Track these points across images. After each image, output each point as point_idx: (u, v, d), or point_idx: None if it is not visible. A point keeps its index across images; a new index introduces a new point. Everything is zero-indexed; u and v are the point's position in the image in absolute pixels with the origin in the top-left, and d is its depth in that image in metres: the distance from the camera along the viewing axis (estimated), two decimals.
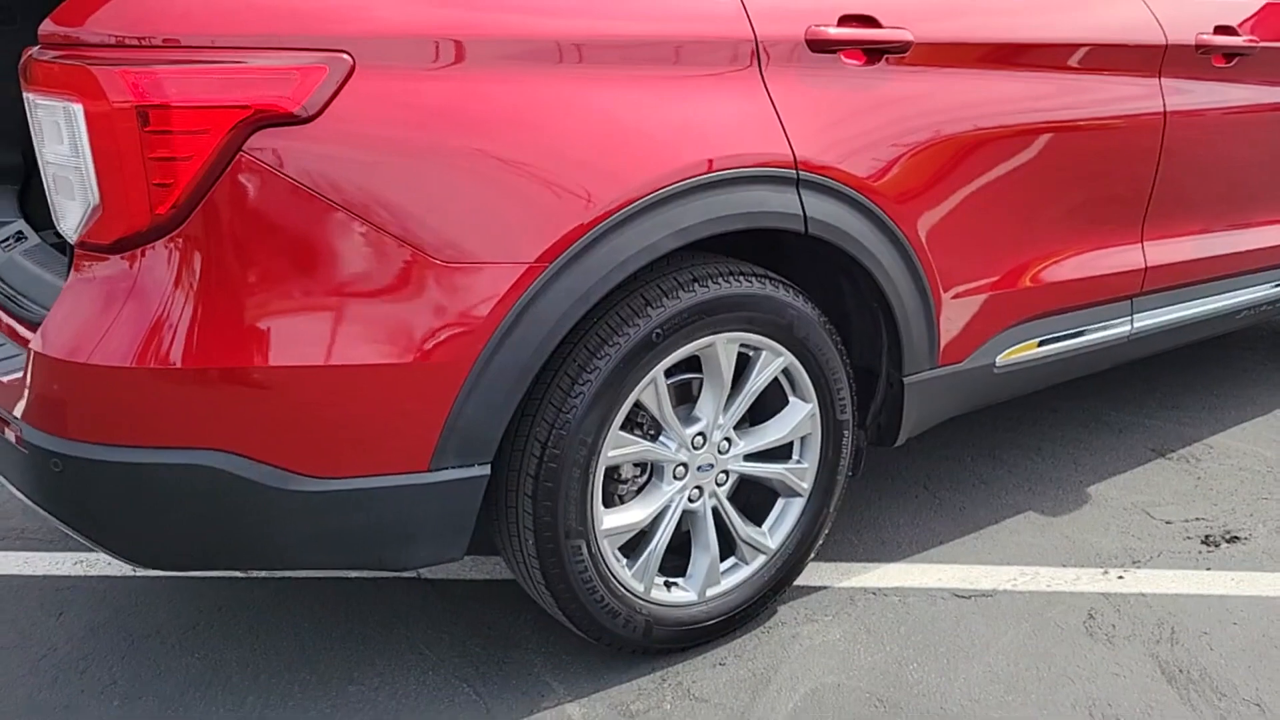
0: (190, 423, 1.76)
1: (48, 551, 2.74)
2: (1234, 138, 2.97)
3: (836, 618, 2.48)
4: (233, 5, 1.69)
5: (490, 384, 1.89)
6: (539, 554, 2.07)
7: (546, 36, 1.89)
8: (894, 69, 2.27)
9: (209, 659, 2.33)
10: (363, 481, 1.87)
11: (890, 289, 2.33)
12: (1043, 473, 3.14)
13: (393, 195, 1.77)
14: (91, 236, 1.72)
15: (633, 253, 1.95)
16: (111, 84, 1.61)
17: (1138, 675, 2.30)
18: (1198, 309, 3.06)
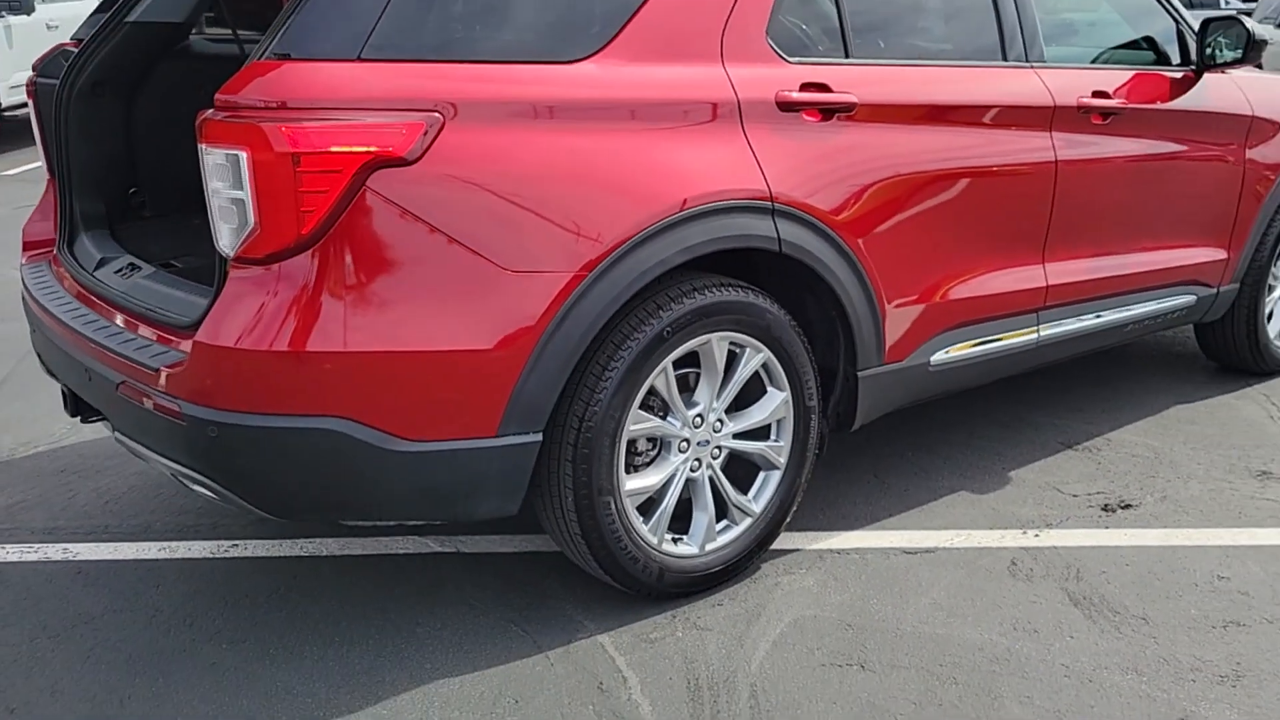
0: (317, 395, 2.28)
1: (132, 541, 3.20)
2: (1112, 180, 3.63)
3: (809, 570, 3.03)
4: (356, 75, 2.25)
5: (544, 367, 2.43)
6: (577, 509, 2.59)
7: (590, 100, 2.47)
8: (844, 124, 2.88)
9: (297, 613, 2.81)
10: (446, 444, 2.40)
11: (845, 299, 2.92)
12: (972, 462, 3.73)
13: (473, 219, 2.33)
14: (247, 253, 2.25)
15: (651, 264, 2.51)
16: (274, 137, 2.15)
17: (1051, 602, 2.88)
18: (1091, 321, 3.69)
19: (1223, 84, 3.99)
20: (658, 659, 2.62)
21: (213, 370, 2.28)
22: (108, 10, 3.26)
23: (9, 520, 3.31)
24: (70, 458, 3.76)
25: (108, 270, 2.92)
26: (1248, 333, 4.39)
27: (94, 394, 2.65)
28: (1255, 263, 4.26)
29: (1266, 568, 3.07)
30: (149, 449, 2.48)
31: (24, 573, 3.02)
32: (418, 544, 3.16)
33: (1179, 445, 3.90)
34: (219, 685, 2.52)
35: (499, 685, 2.52)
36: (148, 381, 2.39)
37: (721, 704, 2.46)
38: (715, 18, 2.70)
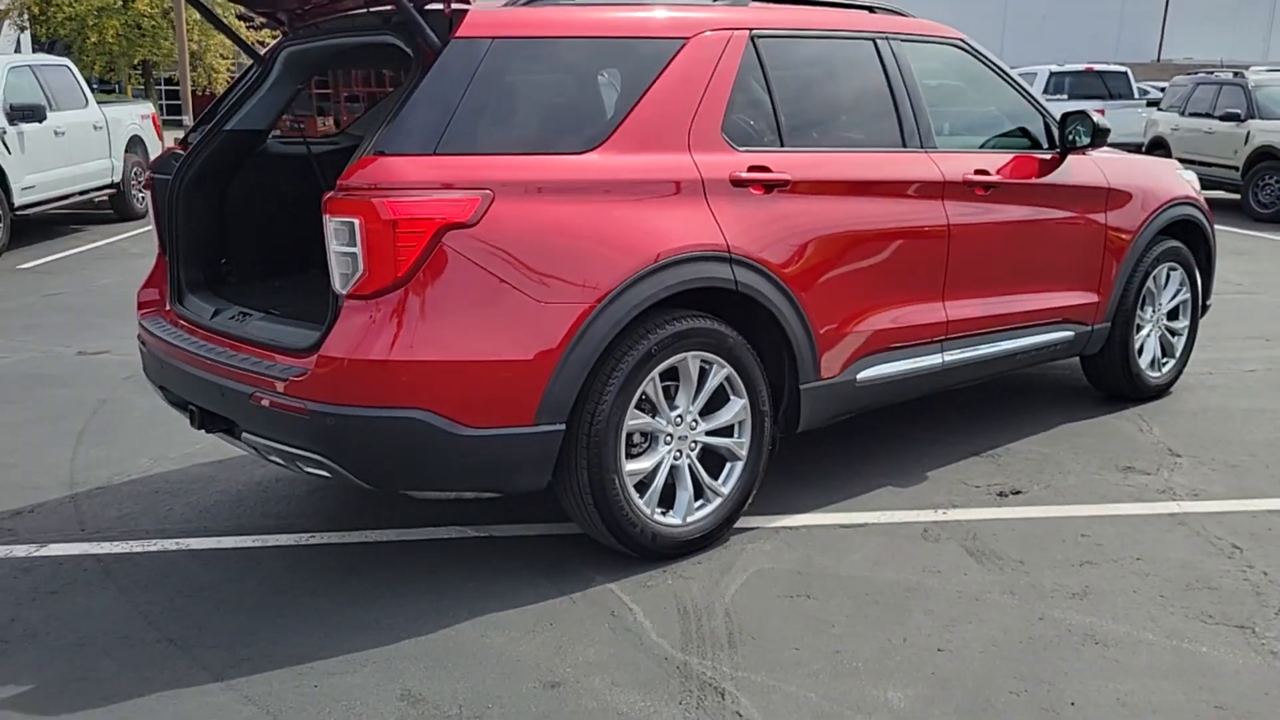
0: (404, 392, 3.15)
1: (229, 536, 4.00)
2: (995, 238, 4.60)
3: (767, 540, 3.90)
4: (433, 165, 3.17)
5: (566, 374, 3.32)
6: (590, 485, 3.46)
7: (595, 180, 3.41)
8: (781, 196, 3.83)
9: (369, 579, 3.63)
10: (497, 430, 3.27)
11: (787, 327, 3.84)
12: (898, 464, 4.62)
13: (515, 265, 3.23)
14: (357, 291, 3.14)
15: (641, 299, 3.42)
16: (380, 209, 3.06)
17: (952, 554, 3.77)
18: (986, 350, 4.63)
19: (1084, 163, 5.01)
20: (654, 596, 3.47)
21: (331, 376, 3.15)
22: (209, 121, 4.18)
23: (123, 526, 4.11)
24: (159, 483, 4.57)
25: (223, 317, 3.79)
26: (1122, 364, 5.37)
27: (227, 406, 3.49)
28: (1123, 305, 5.25)
29: (1119, 529, 3.98)
30: (276, 441, 3.32)
31: (148, 559, 3.81)
32: (459, 531, 3.99)
33: (1064, 451, 4.83)
34: (323, 625, 3.32)
35: (536, 615, 3.36)
36: (278, 389, 3.25)
37: (704, 621, 3.31)
38: (683, 120, 3.66)
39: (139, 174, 13.88)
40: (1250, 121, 13.75)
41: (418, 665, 3.07)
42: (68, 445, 5.05)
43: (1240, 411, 5.41)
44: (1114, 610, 3.36)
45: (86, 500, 4.36)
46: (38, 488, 4.50)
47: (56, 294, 8.87)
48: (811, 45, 4.17)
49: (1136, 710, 2.83)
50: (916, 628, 3.26)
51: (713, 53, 3.78)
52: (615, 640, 3.20)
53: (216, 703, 2.88)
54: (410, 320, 3.15)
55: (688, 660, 3.08)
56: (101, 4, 16.48)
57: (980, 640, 3.19)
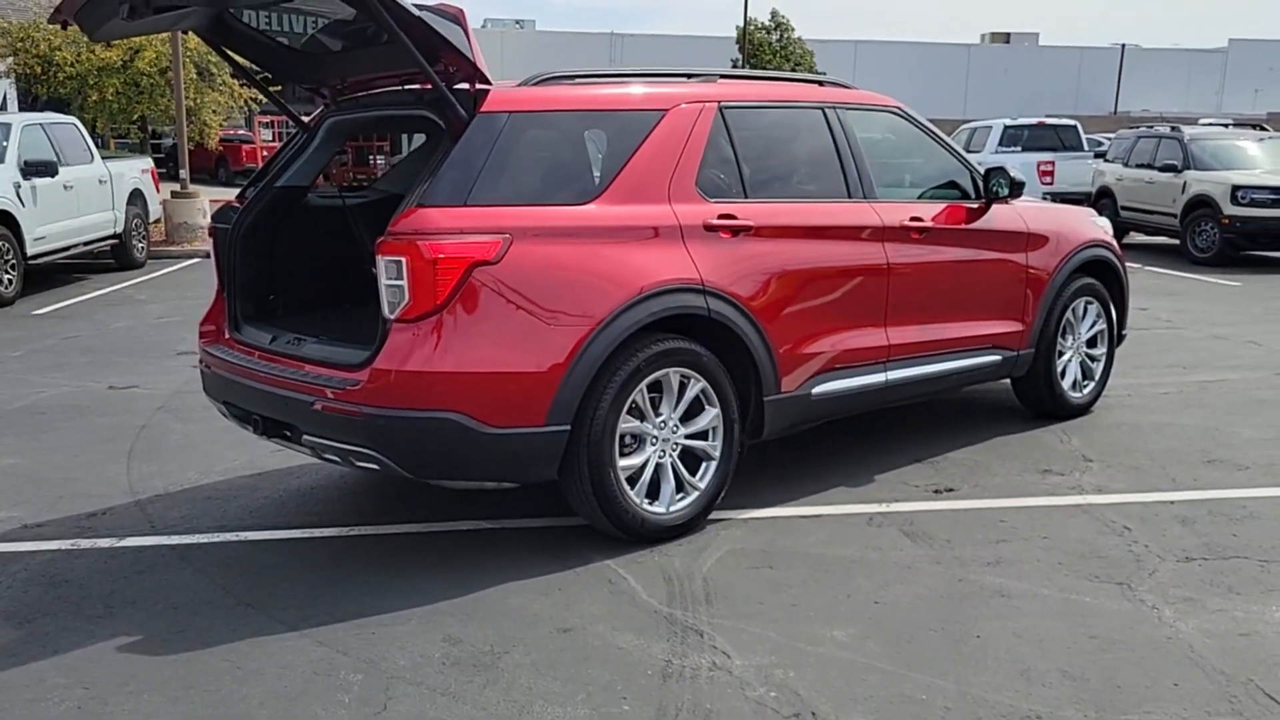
0: (442, 396, 3.89)
1: (282, 529, 4.69)
2: (929, 275, 5.39)
3: (737, 528, 4.63)
4: (464, 214, 3.93)
5: (571, 384, 4.06)
6: (590, 477, 4.19)
7: (593, 227, 4.18)
8: (746, 239, 4.61)
9: (406, 558, 4.33)
10: (515, 429, 4.00)
11: (752, 348, 4.60)
12: (849, 469, 5.37)
13: (530, 294, 3.99)
14: (403, 316, 3.88)
15: (631, 323, 4.18)
16: (423, 249, 3.82)
17: (892, 537, 4.51)
18: (923, 369, 5.41)
19: (1007, 210, 5.84)
20: (644, 569, 4.20)
21: (382, 385, 3.89)
22: (261, 180, 4.94)
23: (188, 524, 4.79)
24: (209, 491, 5.25)
25: (280, 342, 4.51)
26: (1046, 385, 6.17)
27: (290, 414, 4.20)
28: (1045, 333, 6.06)
29: (1031, 516, 4.75)
30: (334, 440, 4.03)
31: (214, 547, 4.50)
32: (475, 524, 4.71)
33: (993, 458, 5.61)
34: (371, 592, 4.02)
35: (545, 583, 4.07)
36: (337, 397, 3.98)
37: (685, 585, 4.03)
38: (664, 177, 4.45)
39: (139, 225, 14.60)
40: (1187, 172, 14.77)
41: (453, 619, 3.78)
42: (120, 462, 5.73)
43: (1150, 425, 6.22)
44: (1019, 574, 4.12)
45: (149, 505, 5.04)
46: (103, 496, 5.18)
47: (74, 337, 9.53)
48: (770, 114, 4.99)
49: (1028, 640, 3.57)
50: (858, 588, 4.00)
51: (688, 121, 4.57)
52: (613, 600, 3.92)
53: (296, 645, 3.58)
54: (446, 339, 3.89)
55: (673, 612, 3.80)
56: (102, 64, 17.27)
57: (909, 596, 3.93)
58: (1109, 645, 3.54)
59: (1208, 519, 4.68)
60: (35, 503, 5.08)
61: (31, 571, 4.25)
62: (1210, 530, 4.55)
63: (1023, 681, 3.31)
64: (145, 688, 3.32)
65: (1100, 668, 3.39)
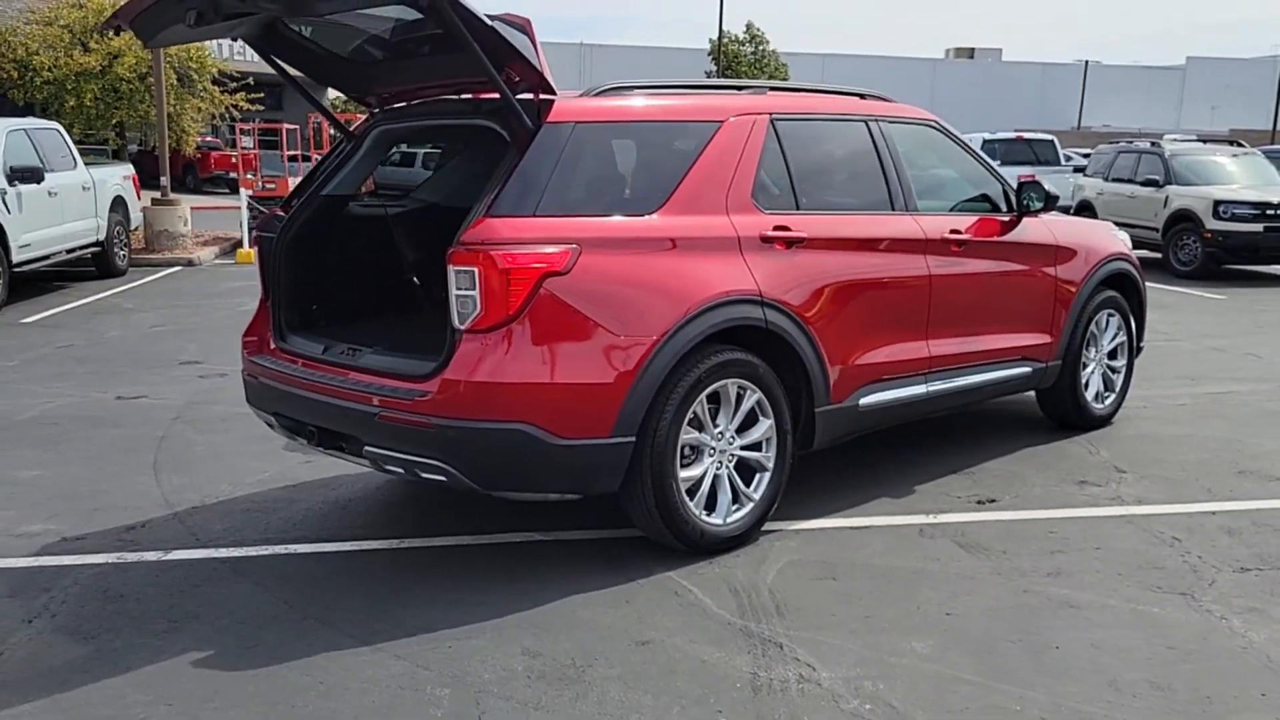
0: (512, 407, 3.86)
1: (329, 542, 4.63)
2: (968, 287, 5.44)
3: (791, 539, 4.63)
4: (534, 225, 3.91)
5: (637, 396, 4.05)
6: (653, 488, 4.17)
7: (657, 237, 4.17)
8: (799, 251, 4.62)
9: (463, 572, 4.29)
10: (582, 440, 3.98)
11: (805, 359, 4.61)
12: (889, 480, 5.39)
13: (598, 305, 3.97)
14: (474, 327, 3.85)
15: (694, 335, 4.17)
16: (496, 260, 3.79)
17: (948, 547, 4.53)
18: (961, 381, 5.45)
19: (1036, 224, 5.90)
20: (707, 580, 4.18)
21: (453, 396, 3.85)
22: (307, 188, 4.88)
23: (232, 536, 4.71)
24: (246, 503, 5.18)
25: (334, 352, 4.46)
26: (1071, 396, 6.23)
27: (350, 425, 4.14)
28: (1071, 346, 6.12)
29: (1079, 527, 4.79)
30: (399, 451, 3.99)
31: (266, 560, 4.43)
32: (526, 536, 4.67)
33: (1028, 469, 5.65)
34: (436, 605, 3.97)
35: (612, 595, 4.05)
36: (404, 408, 3.93)
37: (752, 597, 4.02)
38: (722, 188, 4.44)
39: (120, 233, 14.40)
40: (1168, 187, 15.01)
41: (526, 632, 3.74)
42: (147, 474, 5.63)
43: (1171, 437, 6.29)
44: (1082, 584, 4.15)
45: (188, 517, 4.96)
46: (139, 508, 5.09)
47: (68, 346, 9.37)
48: (818, 126, 5.00)
49: (1108, 651, 3.59)
50: (926, 599, 4.01)
51: (743, 132, 4.58)
52: (684, 612, 3.90)
53: (372, 660, 3.53)
54: (517, 350, 3.86)
55: (747, 625, 3.79)
56: (81, 69, 17.02)
57: (979, 607, 3.94)
58: (1187, 656, 3.57)
59: (1253, 530, 4.74)
60: (69, 515, 4.98)
61: (83, 585, 4.16)
62: (1258, 541, 4.61)
63: (1112, 692, 3.33)
64: (230, 703, 3.26)
65: (1185, 679, 3.42)
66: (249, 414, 6.58)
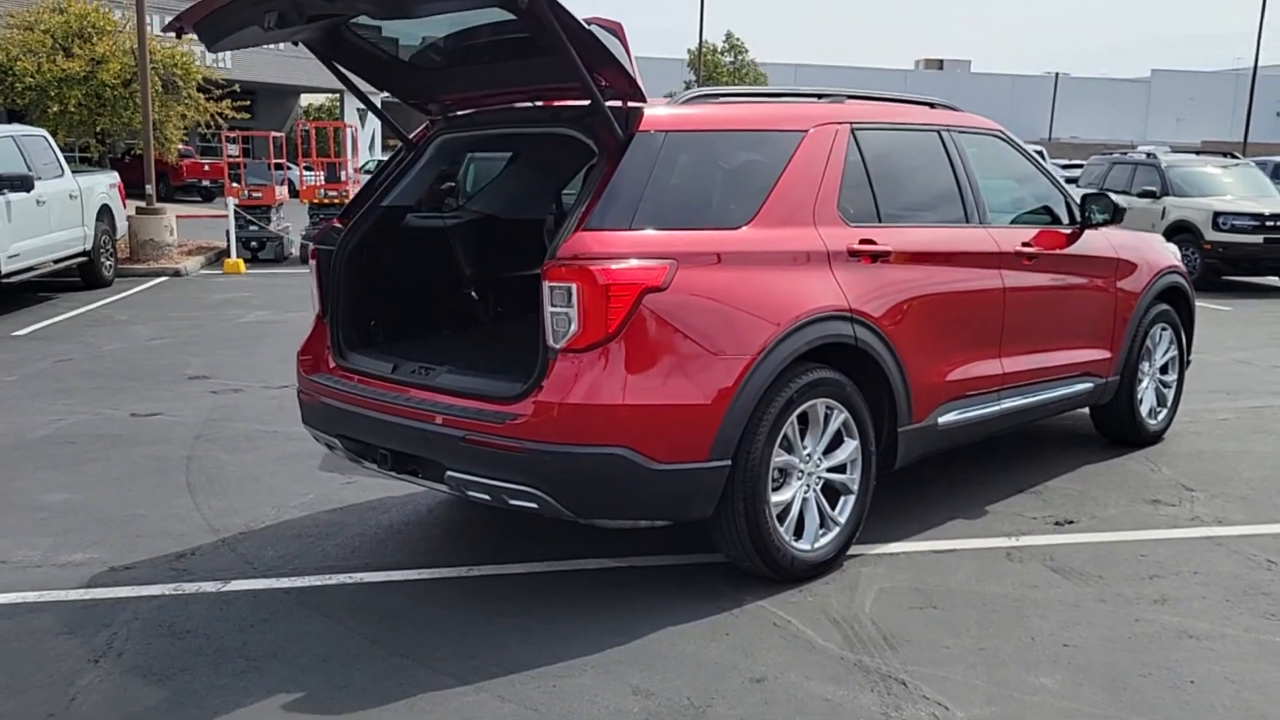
0: (610, 431, 3.66)
1: (396, 570, 4.40)
2: (1038, 301, 5.30)
3: (875, 564, 4.46)
4: (632, 239, 3.72)
5: (733, 417, 3.86)
6: (745, 514, 3.98)
7: (749, 251, 3.99)
8: (884, 265, 4.46)
9: (546, 602, 4.08)
10: (679, 465, 3.79)
11: (891, 378, 4.44)
12: (958, 502, 5.23)
13: (695, 322, 3.79)
14: (570, 346, 3.65)
15: (789, 353, 3.99)
16: (598, 275, 3.60)
17: (1040, 572, 4.38)
18: (1031, 399, 5.31)
19: (1097, 237, 5.78)
20: (802, 610, 4.00)
21: (549, 419, 3.64)
22: (366, 199, 4.66)
23: (290, 564, 4.47)
24: (296, 528, 4.94)
25: (404, 371, 4.24)
26: (1128, 412, 6.11)
27: (431, 449, 3.92)
28: (1129, 361, 6.01)
29: (1168, 550, 4.65)
30: (487, 477, 3.77)
31: (333, 591, 4.20)
32: (599, 563, 4.47)
33: (1094, 488, 5.52)
34: (529, 639, 3.77)
35: (710, 627, 3.85)
36: (494, 432, 3.72)
37: (856, 629, 3.85)
38: (809, 200, 4.28)
39: (107, 242, 14.04)
40: (1165, 199, 15.03)
41: (632, 669, 3.54)
42: (183, 496, 5.37)
43: (1229, 453, 6.19)
44: (1192, 612, 4.00)
45: (239, 544, 4.72)
46: (183, 534, 4.83)
47: (67, 360, 9.05)
48: (896, 136, 4.85)
49: (1245, 686, 3.45)
50: (1038, 629, 3.85)
51: (826, 142, 4.41)
52: (789, 645, 3.71)
53: (478, 701, 3.32)
54: (616, 370, 3.67)
55: (860, 659, 3.61)
56: (64, 74, 16.62)
57: (1095, 638, 3.78)
58: None
59: None
60: (112, 543, 4.72)
61: (144, 620, 3.91)
62: None
63: None
64: None
65: None
66: (275, 433, 6.40)
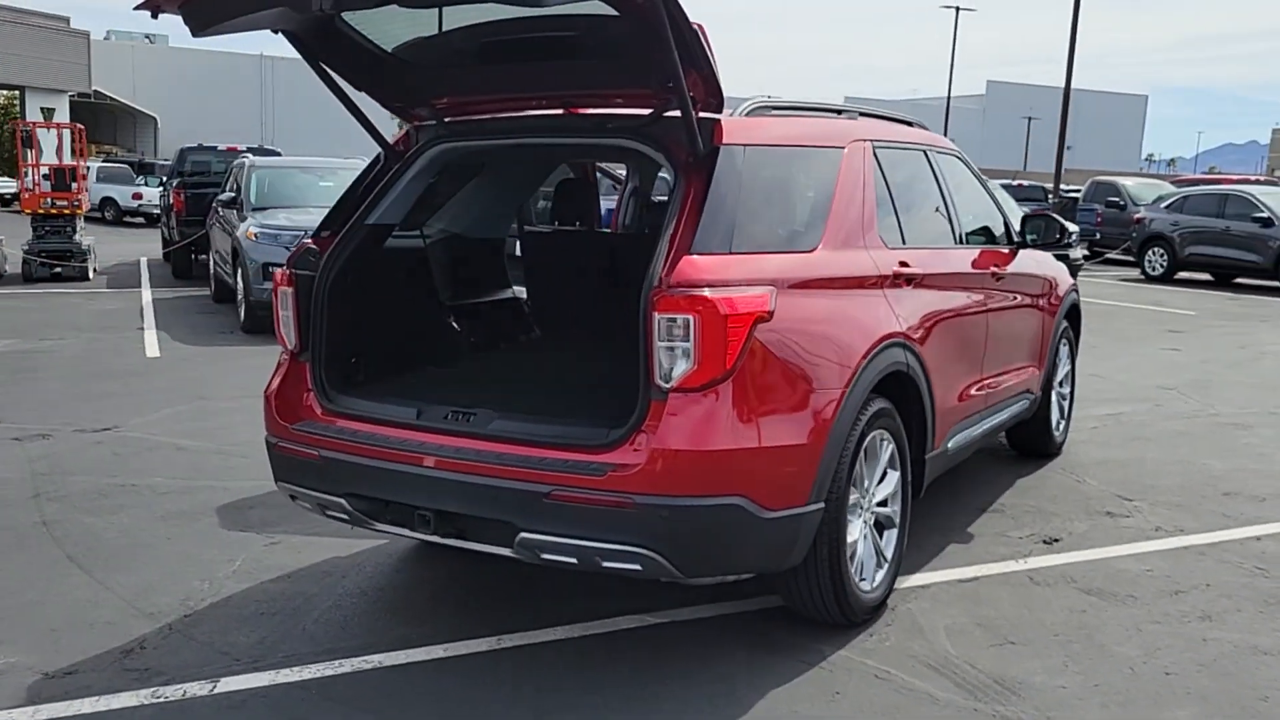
0: (729, 479, 3.27)
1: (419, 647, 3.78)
2: (1003, 322, 5.30)
3: (912, 600, 4.27)
4: (734, 263, 3.34)
5: (828, 456, 3.56)
6: (829, 558, 3.69)
7: (825, 275, 3.70)
8: (915, 288, 4.28)
9: (613, 671, 3.61)
10: (786, 511, 3.44)
11: (925, 404, 4.28)
12: (937, 526, 5.14)
13: (794, 352, 3.46)
14: (684, 384, 3.22)
15: (866, 383, 3.73)
16: (719, 305, 3.19)
17: (1074, 596, 4.34)
18: (998, 419, 5.31)
19: (1028, 257, 5.89)
20: (891, 657, 3.74)
21: (663, 468, 3.19)
22: (348, 215, 4.00)
23: (276, 650, 3.72)
24: (249, 605, 4.14)
25: (435, 416, 3.63)
26: (1044, 426, 6.29)
27: (498, 508, 3.35)
28: (1049, 375, 6.18)
29: (1163, 562, 4.75)
30: (576, 538, 3.26)
31: (355, 679, 3.51)
32: (639, 620, 4.03)
33: (1045, 503, 5.61)
34: (632, 713, 3.31)
35: (815, 687, 3.52)
36: (590, 485, 3.22)
37: (959, 672, 3.64)
38: (858, 220, 4.04)
39: None
40: None
41: None
42: (74, 573, 4.44)
43: (1129, 461, 6.50)
44: (1242, 626, 4.08)
45: (193, 630, 3.91)
46: (111, 623, 3.96)
47: None
48: (901, 155, 4.69)
49: None
50: (1128, 658, 3.78)
51: (859, 161, 4.20)
52: (912, 701, 3.45)
53: None
54: (730, 410, 3.27)
55: (996, 709, 3.40)
56: None
57: (1185, 662, 3.76)
58: None
59: None
60: (22, 641, 3.79)
61: None
62: None
63: None
64: None
65: None
66: (131, 486, 5.69)
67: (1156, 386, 9.05)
